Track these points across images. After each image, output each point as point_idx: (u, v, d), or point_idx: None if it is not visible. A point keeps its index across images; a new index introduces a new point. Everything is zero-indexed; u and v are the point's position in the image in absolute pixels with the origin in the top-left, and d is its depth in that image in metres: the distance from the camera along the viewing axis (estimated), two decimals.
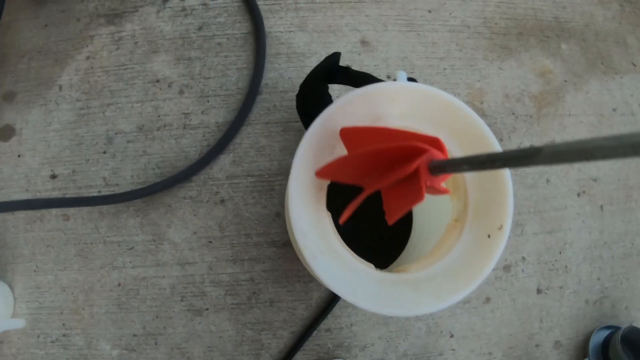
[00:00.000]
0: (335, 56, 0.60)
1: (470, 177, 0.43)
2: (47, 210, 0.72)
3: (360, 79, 0.58)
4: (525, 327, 0.76)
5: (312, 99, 0.62)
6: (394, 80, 0.45)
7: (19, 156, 0.74)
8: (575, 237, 0.78)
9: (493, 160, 0.27)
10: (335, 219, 0.44)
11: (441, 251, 0.44)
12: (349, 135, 0.36)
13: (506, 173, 0.43)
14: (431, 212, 0.62)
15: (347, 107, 0.41)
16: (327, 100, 0.62)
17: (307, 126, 0.66)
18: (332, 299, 0.69)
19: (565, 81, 0.80)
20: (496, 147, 0.42)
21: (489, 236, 0.42)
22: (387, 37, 0.74)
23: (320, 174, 0.37)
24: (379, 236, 0.67)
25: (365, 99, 0.42)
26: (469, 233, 0.43)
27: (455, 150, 0.43)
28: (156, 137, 0.71)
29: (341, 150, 0.41)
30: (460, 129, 0.43)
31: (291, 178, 0.40)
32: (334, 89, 0.61)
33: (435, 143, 0.31)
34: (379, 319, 0.71)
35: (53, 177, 0.73)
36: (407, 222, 0.68)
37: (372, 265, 0.44)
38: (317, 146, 0.41)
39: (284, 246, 0.70)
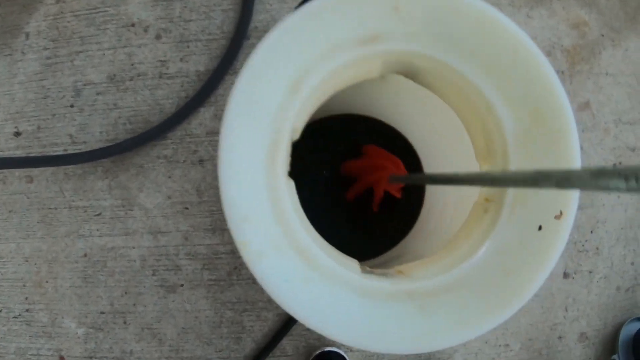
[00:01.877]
0: None
1: (513, 137, 0.27)
2: (10, 171, 0.59)
3: None
4: (547, 316, 0.60)
5: None
6: None
7: None
8: (609, 214, 0.62)
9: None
10: (303, 188, 0.29)
11: (463, 247, 0.28)
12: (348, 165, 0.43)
13: (573, 135, 0.26)
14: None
15: (324, 16, 0.26)
16: None
17: None
18: None
19: (602, 35, 0.63)
20: (561, 100, 0.26)
21: (540, 228, 0.26)
22: None
23: (343, 170, 0.42)
24: (369, 211, 0.51)
25: (350, 6, 0.26)
26: (509, 222, 0.27)
27: (494, 97, 0.27)
28: (129, 88, 0.57)
29: (312, 84, 0.26)
30: (505, 65, 0.27)
31: (225, 119, 0.25)
32: None
33: (397, 162, 0.40)
34: None
35: (17, 134, 0.59)
36: (417, 194, 0.52)
37: (355, 262, 0.28)
38: (273, 67, 0.26)
39: None
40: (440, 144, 0.47)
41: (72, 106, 0.58)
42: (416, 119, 0.48)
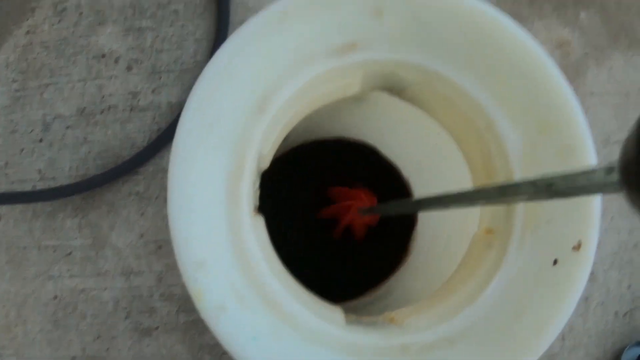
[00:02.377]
0: None
1: (517, 157, 0.23)
2: None
3: None
4: None
5: None
6: None
7: None
8: (602, 238, 0.59)
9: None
10: (277, 222, 0.26)
11: (465, 290, 0.24)
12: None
13: (588, 149, 0.23)
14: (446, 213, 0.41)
15: (292, 22, 0.22)
16: None
17: None
18: None
19: (586, 54, 0.61)
20: (572, 109, 0.23)
21: (555, 262, 0.23)
22: None
23: (320, 215, 0.42)
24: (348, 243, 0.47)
25: (323, 10, 0.22)
26: (518, 257, 0.23)
27: (494, 110, 0.23)
28: (99, 122, 0.54)
29: (281, 102, 0.23)
30: (506, 72, 0.23)
31: (176, 144, 0.22)
32: None
33: (359, 194, 0.41)
34: None
35: None
36: (407, 224, 0.48)
37: (338, 312, 0.24)
38: (234, 82, 0.22)
39: None
40: (434, 168, 0.44)
41: (40, 141, 0.55)
42: (404, 140, 0.45)
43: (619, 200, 0.60)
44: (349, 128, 0.46)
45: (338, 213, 0.44)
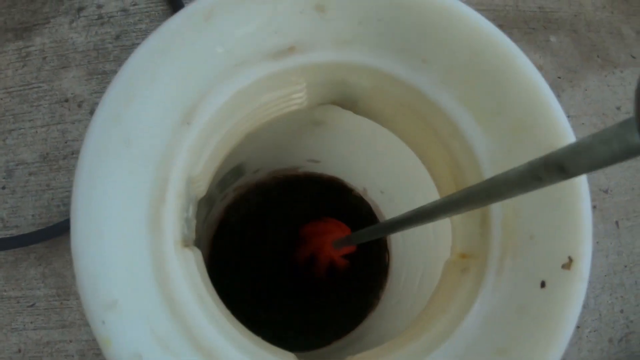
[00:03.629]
0: None
1: (491, 163, 0.20)
2: None
3: None
4: None
5: None
6: None
7: None
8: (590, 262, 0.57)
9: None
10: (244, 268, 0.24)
11: (438, 325, 0.20)
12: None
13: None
14: (420, 241, 0.39)
15: (222, 20, 0.19)
16: None
17: None
18: None
19: (559, 77, 0.60)
20: (549, 106, 0.21)
21: (542, 285, 0.19)
22: None
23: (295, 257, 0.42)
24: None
25: (257, 6, 0.19)
26: (498, 282, 0.20)
27: (459, 114, 0.20)
28: (62, 167, 0.52)
29: (210, 112, 0.20)
30: (471, 68, 0.20)
31: (82, 161, 0.19)
32: None
33: (331, 228, 0.42)
34: None
35: None
36: (379, 264, 0.46)
37: (289, 357, 0.22)
38: (155, 88, 0.19)
39: None
40: (404, 195, 0.42)
41: (3, 188, 0.53)
42: (369, 167, 0.43)
43: (605, 223, 0.59)
44: (310, 157, 0.44)
45: (314, 250, 0.42)
